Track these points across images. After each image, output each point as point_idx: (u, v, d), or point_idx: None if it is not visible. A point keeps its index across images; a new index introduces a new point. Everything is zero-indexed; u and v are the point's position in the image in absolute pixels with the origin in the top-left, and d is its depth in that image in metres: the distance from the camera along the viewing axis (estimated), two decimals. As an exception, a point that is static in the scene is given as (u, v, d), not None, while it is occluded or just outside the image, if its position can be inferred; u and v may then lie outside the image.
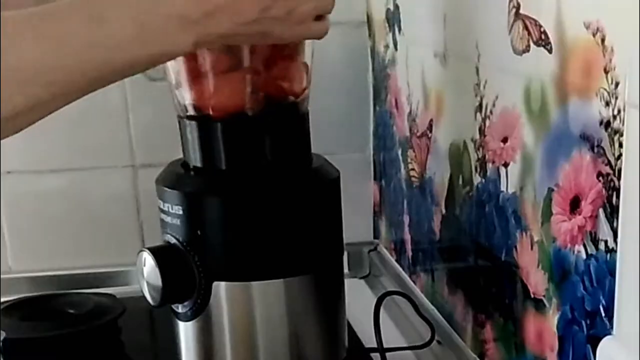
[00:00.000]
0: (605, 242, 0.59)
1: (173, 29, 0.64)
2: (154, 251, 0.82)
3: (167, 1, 0.64)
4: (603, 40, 0.57)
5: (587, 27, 0.59)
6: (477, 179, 0.83)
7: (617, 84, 0.56)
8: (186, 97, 0.83)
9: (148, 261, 0.82)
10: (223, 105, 0.81)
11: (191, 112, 0.82)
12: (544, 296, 0.70)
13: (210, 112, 0.81)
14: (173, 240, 0.82)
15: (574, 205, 0.63)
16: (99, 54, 0.62)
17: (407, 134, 1.06)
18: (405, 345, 1.00)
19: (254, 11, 0.67)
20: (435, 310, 0.99)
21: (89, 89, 0.64)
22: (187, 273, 0.81)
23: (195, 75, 0.81)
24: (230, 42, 0.74)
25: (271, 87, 0.80)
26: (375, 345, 0.92)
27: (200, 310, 0.83)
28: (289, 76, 0.81)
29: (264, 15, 0.67)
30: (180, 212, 0.81)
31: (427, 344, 0.95)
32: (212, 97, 0.81)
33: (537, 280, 0.71)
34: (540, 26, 0.66)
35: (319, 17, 0.73)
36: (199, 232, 0.80)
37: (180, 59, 0.81)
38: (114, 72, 0.65)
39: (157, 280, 0.81)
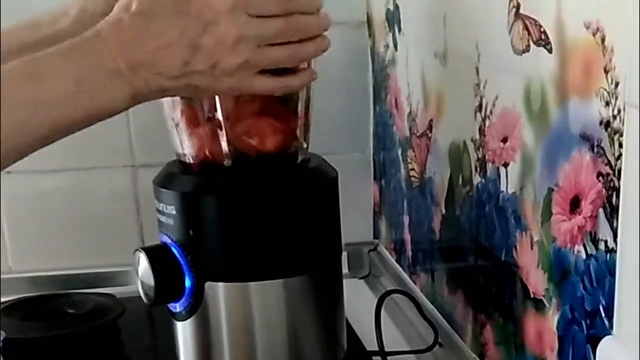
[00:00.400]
0: (605, 242, 0.59)
1: (108, 84, 0.66)
2: (148, 251, 0.82)
3: (100, 57, 0.66)
4: (603, 40, 0.57)
5: (587, 27, 0.59)
6: (477, 179, 0.82)
7: (617, 84, 0.56)
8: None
9: (142, 261, 0.82)
10: (192, 156, 0.82)
11: None
12: (544, 296, 0.70)
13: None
14: (168, 240, 0.82)
15: (574, 205, 0.63)
16: (39, 113, 0.64)
17: (407, 134, 1.06)
18: (405, 345, 1.00)
19: (176, 66, 0.67)
20: (435, 311, 0.99)
21: (39, 145, 0.66)
22: (179, 273, 0.81)
23: (173, 125, 0.83)
24: (166, 96, 0.74)
25: (239, 142, 0.80)
26: (376, 347, 0.92)
27: (194, 310, 0.83)
28: (257, 133, 0.80)
29: (187, 69, 0.68)
30: (174, 212, 0.81)
31: (430, 348, 0.95)
32: (182, 148, 0.83)
33: (537, 280, 0.71)
34: (540, 26, 0.66)
35: (286, 71, 0.73)
36: (191, 232, 0.80)
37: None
38: (59, 130, 0.66)
39: (150, 280, 0.81)
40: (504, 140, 0.75)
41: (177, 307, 0.84)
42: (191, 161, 0.82)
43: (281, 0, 0.70)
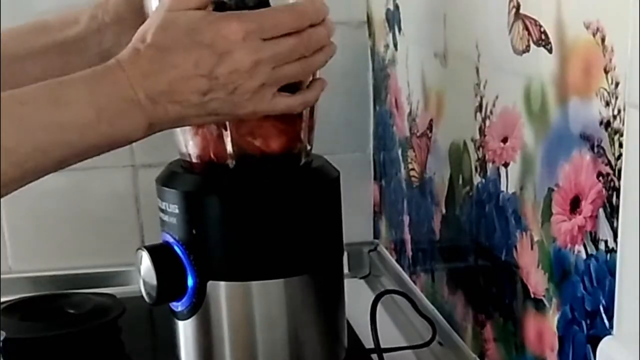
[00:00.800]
0: (605, 242, 0.59)
1: (127, 113, 0.67)
2: (151, 250, 0.82)
3: (119, 86, 0.67)
4: (603, 40, 0.57)
5: (587, 27, 0.59)
6: (477, 179, 0.83)
7: (617, 84, 0.56)
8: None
9: (144, 259, 0.82)
10: (196, 156, 0.82)
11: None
12: (544, 296, 0.70)
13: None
14: (170, 239, 0.82)
15: (574, 205, 0.63)
16: (59, 137, 0.66)
17: (407, 134, 1.06)
18: (405, 344, 1.00)
19: (194, 95, 0.68)
20: (435, 310, 0.99)
21: (56, 167, 0.67)
22: (181, 272, 0.81)
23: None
24: (184, 125, 0.75)
25: (243, 143, 0.80)
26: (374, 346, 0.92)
27: (196, 310, 0.83)
28: (261, 134, 0.80)
29: (206, 98, 0.69)
30: (177, 211, 0.81)
31: (429, 343, 0.95)
32: (187, 148, 0.83)
33: (537, 280, 0.71)
34: (540, 26, 0.66)
35: (295, 89, 0.74)
36: (194, 231, 0.80)
37: None
38: (76, 154, 0.68)
39: (153, 279, 0.81)
40: (504, 140, 0.75)
41: (178, 306, 0.84)
42: (195, 161, 0.82)
43: (292, 19, 0.71)
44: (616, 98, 0.56)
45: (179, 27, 0.68)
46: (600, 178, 0.59)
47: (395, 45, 1.09)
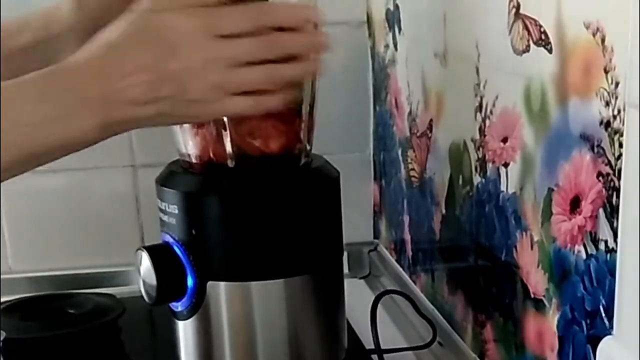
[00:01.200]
0: (605, 242, 0.59)
1: (80, 114, 0.65)
2: (150, 250, 0.82)
3: (71, 85, 0.65)
4: (603, 40, 0.57)
5: (587, 27, 0.59)
6: (477, 179, 0.83)
7: (617, 84, 0.56)
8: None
9: (144, 260, 0.82)
10: (195, 156, 0.82)
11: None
12: (544, 296, 0.70)
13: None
14: (170, 240, 0.82)
15: (574, 205, 0.63)
16: (6, 138, 0.63)
17: (407, 134, 1.06)
18: (405, 345, 1.00)
19: (143, 93, 0.65)
20: (435, 310, 0.99)
21: (9, 174, 0.66)
22: (181, 272, 0.81)
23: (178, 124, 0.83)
24: (139, 126, 0.71)
25: (242, 143, 0.80)
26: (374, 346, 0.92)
27: (196, 310, 0.83)
28: (261, 134, 0.79)
29: (154, 95, 0.65)
30: (177, 212, 0.81)
31: (429, 344, 0.95)
32: (186, 148, 0.83)
33: (537, 280, 0.71)
34: (540, 26, 0.66)
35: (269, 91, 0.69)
36: (193, 232, 0.80)
37: None
38: (25, 158, 0.65)
39: (153, 279, 0.81)
40: (504, 140, 0.75)
41: (178, 306, 0.84)
42: (194, 161, 0.82)
43: (253, 17, 0.67)
44: (616, 98, 0.56)
45: (132, 25, 0.66)
46: (600, 178, 0.59)
47: (395, 45, 1.09)
